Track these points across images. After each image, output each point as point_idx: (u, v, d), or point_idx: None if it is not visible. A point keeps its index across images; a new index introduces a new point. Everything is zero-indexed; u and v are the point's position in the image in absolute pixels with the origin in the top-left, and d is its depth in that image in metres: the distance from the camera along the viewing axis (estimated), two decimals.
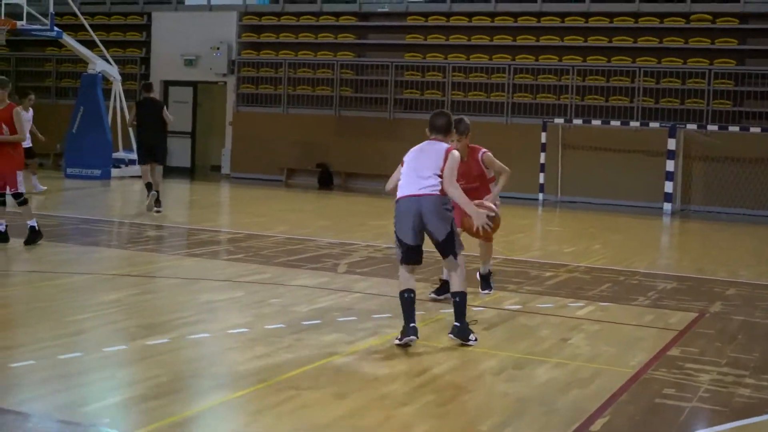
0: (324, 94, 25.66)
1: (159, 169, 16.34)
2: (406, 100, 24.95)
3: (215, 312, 8.44)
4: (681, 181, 21.68)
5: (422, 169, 7.49)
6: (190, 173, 27.72)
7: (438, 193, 7.41)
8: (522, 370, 6.88)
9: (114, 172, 23.95)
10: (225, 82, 27.29)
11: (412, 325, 7.38)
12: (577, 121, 22.38)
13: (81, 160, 24.07)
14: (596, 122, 22.10)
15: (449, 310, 8.10)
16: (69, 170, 24.10)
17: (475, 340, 7.55)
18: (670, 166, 21.03)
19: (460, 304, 7.56)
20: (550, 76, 23.51)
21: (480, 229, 8.01)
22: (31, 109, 18.82)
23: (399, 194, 7.58)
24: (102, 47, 24.63)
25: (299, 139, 25.45)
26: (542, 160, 22.30)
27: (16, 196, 11.79)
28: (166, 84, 28.17)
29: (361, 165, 24.79)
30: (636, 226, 18.58)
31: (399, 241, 7.55)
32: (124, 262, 11.02)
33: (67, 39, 23.74)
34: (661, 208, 21.02)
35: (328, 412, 5.68)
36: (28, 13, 22.90)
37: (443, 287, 9.21)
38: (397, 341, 7.39)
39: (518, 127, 23.40)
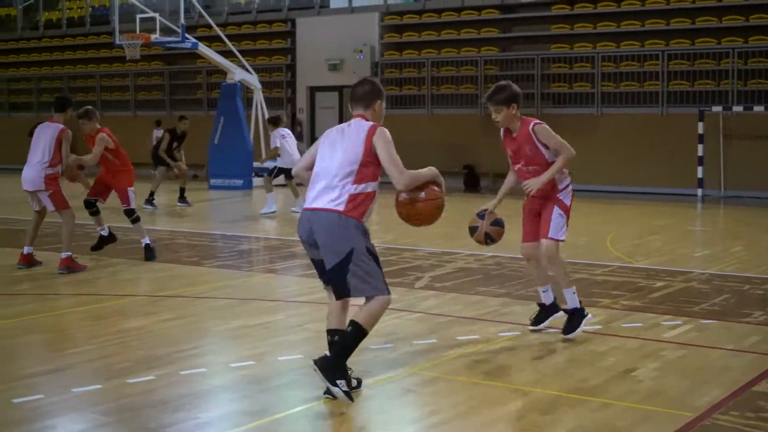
0: (468, 92, 24.50)
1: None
2: (553, 95, 23.51)
3: (234, 340, 7.48)
4: None
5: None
6: None
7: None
8: (547, 416, 5.56)
9: (256, 181, 23.49)
10: None
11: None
12: (737, 108, 20.34)
13: (223, 171, 23.87)
14: (759, 108, 20.02)
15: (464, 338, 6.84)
16: (212, 181, 23.99)
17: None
18: None
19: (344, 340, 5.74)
20: (707, 60, 21.54)
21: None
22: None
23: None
24: (239, 56, 24.33)
25: (444, 140, 24.31)
26: (700, 152, 20.40)
27: (129, 213, 11.44)
28: (312, 90, 27.67)
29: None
30: None
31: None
32: (188, 280, 10.22)
33: (204, 49, 23.55)
34: None
35: None
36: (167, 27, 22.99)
37: (542, 313, 7.69)
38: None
39: (674, 117, 21.56)
